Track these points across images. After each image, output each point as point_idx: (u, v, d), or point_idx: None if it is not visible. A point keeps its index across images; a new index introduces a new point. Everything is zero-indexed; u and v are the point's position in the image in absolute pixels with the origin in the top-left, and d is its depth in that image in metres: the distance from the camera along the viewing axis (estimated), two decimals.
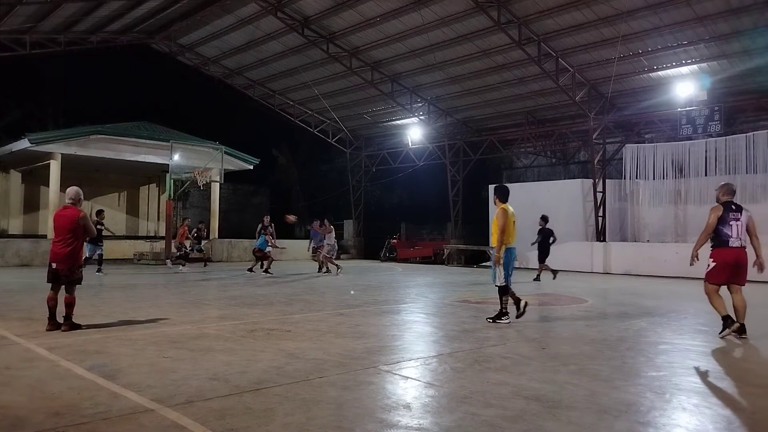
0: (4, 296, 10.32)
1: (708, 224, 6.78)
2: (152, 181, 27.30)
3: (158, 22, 20.88)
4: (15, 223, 23.99)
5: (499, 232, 7.75)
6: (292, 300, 10.21)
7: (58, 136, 20.53)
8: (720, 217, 6.73)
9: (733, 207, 6.80)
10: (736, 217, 6.74)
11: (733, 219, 6.72)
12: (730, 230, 6.70)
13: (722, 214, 6.72)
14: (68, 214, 6.88)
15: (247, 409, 3.91)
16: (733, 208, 6.78)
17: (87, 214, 7.12)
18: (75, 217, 6.83)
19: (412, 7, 17.43)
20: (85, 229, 6.95)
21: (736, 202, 6.93)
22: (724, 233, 6.72)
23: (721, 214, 6.72)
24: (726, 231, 6.71)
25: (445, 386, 4.69)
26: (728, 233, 6.70)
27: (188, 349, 5.81)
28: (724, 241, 6.72)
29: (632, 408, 4.11)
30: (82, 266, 7.08)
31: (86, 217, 7.01)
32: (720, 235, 6.76)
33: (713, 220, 6.74)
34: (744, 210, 6.85)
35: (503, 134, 24.32)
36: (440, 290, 12.93)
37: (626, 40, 16.71)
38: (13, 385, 4.41)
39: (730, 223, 6.71)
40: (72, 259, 6.85)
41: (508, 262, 7.83)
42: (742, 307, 6.81)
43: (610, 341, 6.76)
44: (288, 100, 26.09)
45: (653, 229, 20.30)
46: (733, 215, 6.74)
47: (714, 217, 6.75)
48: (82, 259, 7.10)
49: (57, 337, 6.33)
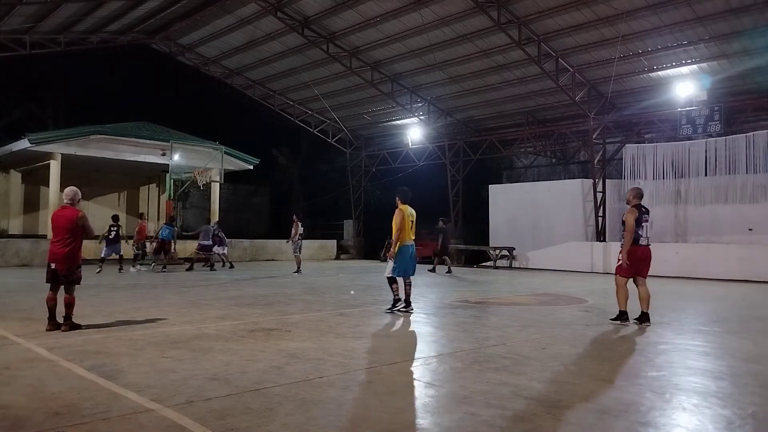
0: (4, 296, 10.32)
1: (629, 226, 7.55)
2: (152, 181, 27.29)
3: (158, 22, 20.89)
4: (15, 223, 23.99)
5: (395, 230, 8.52)
6: (292, 300, 10.21)
7: (58, 136, 20.54)
8: (636, 218, 7.52)
9: (644, 209, 7.70)
10: (646, 218, 7.67)
11: (644, 220, 7.64)
12: (642, 230, 7.60)
13: (638, 216, 7.53)
14: (66, 214, 6.85)
15: (247, 409, 3.91)
16: (643, 210, 7.68)
17: (86, 214, 7.08)
18: (74, 217, 6.80)
19: (412, 7, 17.43)
20: (84, 229, 6.91)
21: (644, 205, 7.80)
22: (636, 233, 7.54)
23: (637, 216, 7.52)
24: (639, 231, 7.56)
25: (445, 386, 4.69)
26: (640, 233, 7.58)
27: (188, 349, 5.81)
28: (636, 239, 7.56)
29: (632, 408, 4.11)
30: (80, 266, 7.03)
31: (85, 217, 6.93)
32: (634, 234, 7.54)
33: (631, 221, 7.51)
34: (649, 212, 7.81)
35: (503, 134, 24.33)
36: (440, 290, 12.92)
37: (626, 40, 16.72)
38: (14, 385, 4.41)
39: (642, 224, 7.60)
40: (71, 259, 6.83)
41: (404, 257, 8.63)
42: (646, 298, 7.73)
43: (610, 341, 6.76)
44: (288, 100, 26.10)
45: (653, 229, 20.26)
46: (644, 217, 7.64)
47: (632, 218, 7.52)
48: (80, 260, 7.03)
49: (57, 338, 6.33)
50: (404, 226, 8.54)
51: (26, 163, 22.56)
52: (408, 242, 8.66)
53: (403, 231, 8.55)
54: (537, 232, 22.08)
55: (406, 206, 8.75)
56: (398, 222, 8.52)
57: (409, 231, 8.65)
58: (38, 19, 18.69)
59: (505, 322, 8.09)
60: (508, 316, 8.69)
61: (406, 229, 8.59)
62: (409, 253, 8.68)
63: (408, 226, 8.62)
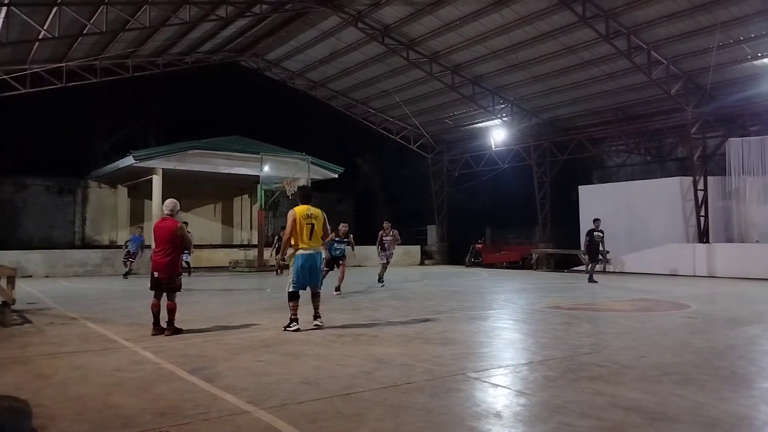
0: (114, 302, 11.14)
1: None
2: (245, 192, 28.58)
3: (246, 40, 21.88)
4: (123, 234, 25.87)
5: (285, 235, 7.48)
6: (379, 305, 10.29)
7: (158, 153, 21.99)
8: None
9: None
10: None
11: None
12: None
13: None
14: (166, 225, 7.28)
15: (337, 413, 3.97)
16: None
17: (184, 225, 7.51)
18: (173, 228, 7.22)
19: (492, 8, 17.18)
20: (182, 239, 7.32)
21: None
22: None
23: None
24: None
25: (537, 395, 4.54)
26: None
27: (280, 353, 5.99)
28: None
29: (744, 422, 3.80)
30: (180, 274, 7.46)
31: (183, 227, 7.38)
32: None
33: None
34: None
35: (592, 133, 23.39)
36: (529, 296, 12.59)
37: (725, 26, 15.60)
38: (124, 387, 4.73)
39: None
40: (171, 267, 7.24)
41: (302, 268, 7.31)
42: None
43: (717, 349, 6.30)
44: (370, 108, 26.49)
45: (762, 229, 18.76)
46: None
47: None
48: (180, 268, 7.45)
49: (161, 341, 6.73)
50: (296, 231, 7.35)
51: (131, 179, 24.33)
52: (308, 250, 7.36)
53: (298, 236, 7.36)
54: (632, 235, 21.01)
55: (306, 207, 7.54)
56: (288, 225, 7.41)
57: (307, 236, 7.36)
58: (139, 44, 20.13)
59: (600, 329, 7.74)
60: (603, 323, 8.31)
61: (301, 234, 7.35)
62: (307, 264, 7.36)
63: (305, 230, 7.35)
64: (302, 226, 7.40)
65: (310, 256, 7.42)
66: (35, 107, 25.15)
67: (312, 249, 7.43)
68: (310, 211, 7.53)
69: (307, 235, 7.39)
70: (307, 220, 7.44)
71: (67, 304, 10.79)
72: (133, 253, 17.79)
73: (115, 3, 15.81)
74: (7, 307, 8.21)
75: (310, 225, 7.43)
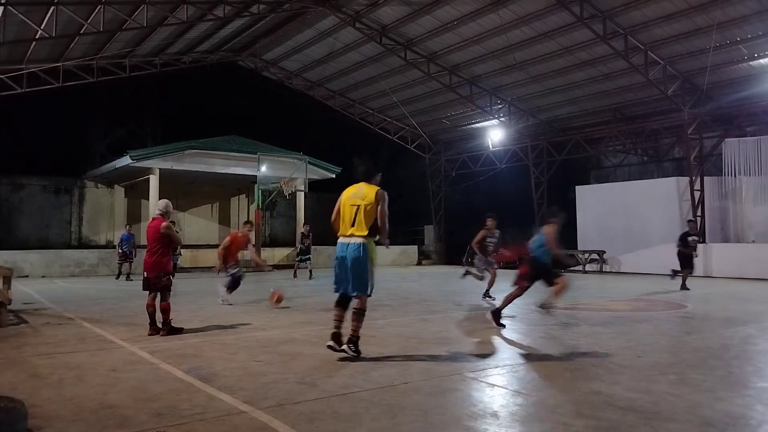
0: (110, 303, 11.12)
1: None
2: (242, 192, 28.53)
3: (244, 40, 21.86)
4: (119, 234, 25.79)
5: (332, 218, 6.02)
6: (376, 306, 10.28)
7: (155, 152, 21.95)
8: None
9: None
10: None
11: None
12: None
13: None
14: (155, 224, 7.27)
15: (334, 413, 3.97)
16: None
17: (170, 224, 7.39)
18: (158, 227, 7.18)
19: (489, 9, 17.19)
20: (169, 238, 7.26)
21: None
22: None
23: None
24: None
25: (534, 395, 4.55)
26: None
27: (277, 353, 5.99)
28: None
29: (740, 421, 3.81)
30: (168, 274, 7.31)
31: (169, 226, 7.28)
32: None
33: None
34: None
35: (589, 133, 23.43)
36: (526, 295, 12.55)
37: (722, 27, 15.64)
38: (120, 387, 4.72)
39: None
40: (157, 266, 7.16)
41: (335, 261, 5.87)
42: None
43: (713, 349, 6.31)
44: (367, 108, 26.48)
45: (759, 229, 18.81)
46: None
47: None
48: (168, 267, 7.31)
49: (157, 341, 6.72)
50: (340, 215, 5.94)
51: (128, 178, 24.26)
52: (347, 239, 5.81)
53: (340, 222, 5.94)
54: (629, 235, 21.05)
55: (358, 185, 6.03)
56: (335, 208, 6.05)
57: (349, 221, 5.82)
58: (136, 43, 20.08)
59: (596, 329, 7.75)
60: (600, 323, 8.33)
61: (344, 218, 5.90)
62: (339, 257, 5.85)
63: (347, 213, 5.86)
64: (345, 209, 5.84)
65: (344, 247, 5.75)
66: (32, 107, 25.13)
67: (350, 239, 5.72)
68: (362, 190, 5.86)
69: (350, 220, 5.75)
70: (352, 201, 5.82)
71: (63, 304, 10.78)
72: (128, 253, 17.54)
73: (112, 2, 15.78)
74: (3, 308, 8.18)
75: (355, 207, 5.76)
